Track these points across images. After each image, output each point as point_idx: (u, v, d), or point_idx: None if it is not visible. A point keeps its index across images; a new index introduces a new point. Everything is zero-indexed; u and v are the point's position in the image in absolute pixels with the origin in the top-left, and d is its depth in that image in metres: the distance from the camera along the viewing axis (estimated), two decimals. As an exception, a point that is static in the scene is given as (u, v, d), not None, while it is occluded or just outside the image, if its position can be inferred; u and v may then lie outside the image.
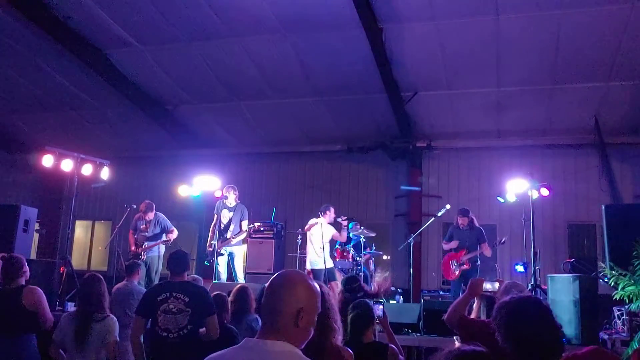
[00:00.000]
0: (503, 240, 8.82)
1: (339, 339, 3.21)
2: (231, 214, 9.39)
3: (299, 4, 8.97)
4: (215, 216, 9.41)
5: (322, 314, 3.06)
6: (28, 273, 5.09)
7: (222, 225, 9.35)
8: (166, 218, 9.40)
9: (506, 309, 2.37)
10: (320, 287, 3.17)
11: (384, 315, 4.51)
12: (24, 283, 4.99)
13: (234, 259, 9.40)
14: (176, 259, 4.78)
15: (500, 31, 9.13)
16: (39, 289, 4.96)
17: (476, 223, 9.06)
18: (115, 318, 4.77)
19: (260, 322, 5.51)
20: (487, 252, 8.82)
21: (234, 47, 10.22)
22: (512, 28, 9.05)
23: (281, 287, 1.92)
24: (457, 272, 8.88)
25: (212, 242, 9.24)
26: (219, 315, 4.71)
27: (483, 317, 4.14)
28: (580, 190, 11.63)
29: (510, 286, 3.71)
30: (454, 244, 9.07)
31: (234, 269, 9.39)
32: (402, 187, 12.53)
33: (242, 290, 5.55)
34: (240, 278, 9.38)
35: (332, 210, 9.49)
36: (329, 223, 9.40)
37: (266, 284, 2.02)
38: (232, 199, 9.45)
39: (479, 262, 8.77)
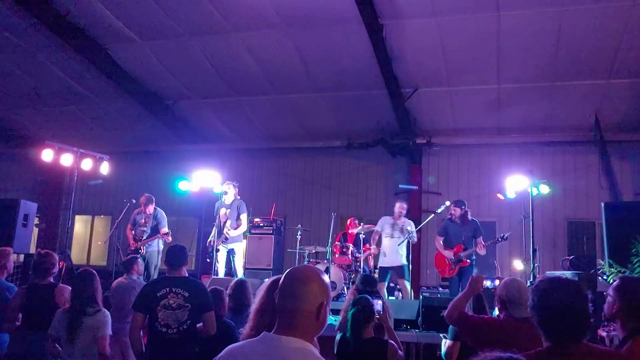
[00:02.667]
0: (506, 236, 8.51)
1: None
2: (228, 210, 9.36)
3: (300, 0, 8.95)
4: (217, 218, 9.37)
5: None
6: (56, 272, 5.34)
7: (221, 224, 9.32)
8: (165, 217, 9.34)
9: (544, 283, 2.41)
10: None
11: (383, 311, 4.53)
12: (52, 280, 5.24)
13: (234, 255, 9.37)
14: (174, 253, 4.76)
15: (500, 28, 9.11)
16: (69, 288, 5.06)
17: (469, 216, 8.79)
18: (107, 313, 4.74)
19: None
20: (482, 250, 8.46)
21: (235, 43, 10.20)
22: (513, 25, 9.03)
23: (299, 285, 1.94)
24: (454, 268, 8.60)
25: (211, 239, 9.24)
26: (217, 310, 4.70)
27: (470, 313, 4.14)
28: (580, 187, 11.64)
29: (510, 286, 3.69)
30: (441, 243, 8.85)
31: (234, 265, 9.35)
32: (400, 186, 12.52)
33: (240, 284, 5.56)
34: (240, 274, 9.36)
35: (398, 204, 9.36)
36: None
37: (270, 280, 2.02)
38: (230, 196, 9.40)
39: (474, 256, 8.60)
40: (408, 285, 8.98)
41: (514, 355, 1.97)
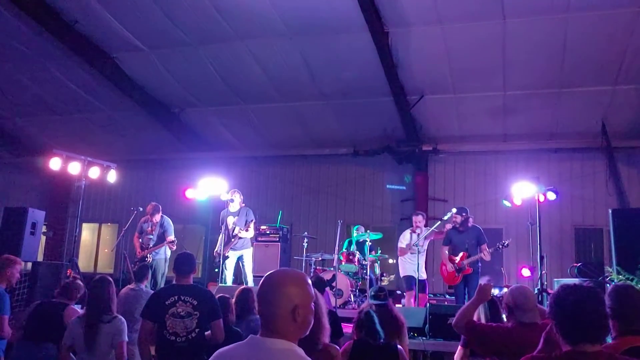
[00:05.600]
0: (506, 243, 8.38)
1: (327, 336, 3.28)
2: (235, 218, 9.38)
3: (306, 8, 9.00)
4: (222, 227, 9.37)
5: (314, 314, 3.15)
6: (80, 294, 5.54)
7: (229, 232, 9.33)
8: (172, 224, 9.35)
9: (560, 289, 2.47)
10: None
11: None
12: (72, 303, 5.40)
13: (244, 262, 9.36)
14: (182, 261, 4.77)
15: (506, 35, 9.12)
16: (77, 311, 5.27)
17: (471, 223, 8.68)
18: (123, 319, 4.77)
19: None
20: (487, 256, 8.35)
21: (241, 51, 10.25)
22: (519, 31, 9.04)
23: (271, 288, 1.99)
24: (459, 278, 8.51)
25: (218, 250, 9.26)
26: (224, 317, 4.71)
27: (483, 319, 4.12)
28: (587, 194, 11.60)
29: (516, 292, 3.69)
30: (446, 252, 8.75)
31: (244, 272, 9.34)
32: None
33: (245, 292, 5.58)
34: (250, 281, 9.34)
35: (415, 217, 9.30)
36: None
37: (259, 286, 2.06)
38: (236, 204, 9.42)
39: (479, 264, 8.51)
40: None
41: None
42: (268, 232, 10.78)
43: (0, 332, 5.14)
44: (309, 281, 2.05)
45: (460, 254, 8.51)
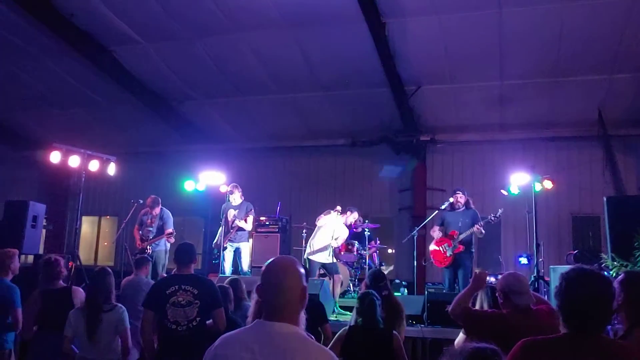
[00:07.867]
0: (498, 213, 8.31)
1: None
2: (236, 211, 9.47)
3: (302, -1, 9.03)
4: (222, 219, 9.45)
5: None
6: (65, 274, 5.57)
7: (229, 224, 9.42)
8: (171, 216, 9.41)
9: (575, 272, 2.45)
10: None
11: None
12: (62, 284, 5.43)
13: (241, 254, 9.46)
14: (183, 251, 4.83)
15: (503, 24, 9.14)
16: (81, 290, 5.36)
17: (472, 205, 8.67)
18: (123, 307, 4.86)
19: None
20: (479, 230, 8.21)
21: (238, 43, 10.27)
22: (515, 21, 9.06)
23: (284, 274, 2.08)
24: (448, 256, 8.36)
25: (217, 240, 9.36)
26: (224, 306, 4.78)
27: (485, 307, 4.18)
28: (584, 182, 11.66)
29: (509, 277, 3.75)
30: (437, 232, 8.67)
31: (240, 264, 9.45)
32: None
33: (234, 281, 5.69)
34: (246, 273, 9.44)
35: (355, 213, 9.80)
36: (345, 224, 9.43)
37: (263, 274, 2.14)
38: (237, 198, 9.52)
39: (473, 249, 8.49)
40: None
41: (489, 346, 2.04)
42: (267, 223, 10.85)
43: (17, 324, 5.20)
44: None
45: (451, 232, 8.46)
